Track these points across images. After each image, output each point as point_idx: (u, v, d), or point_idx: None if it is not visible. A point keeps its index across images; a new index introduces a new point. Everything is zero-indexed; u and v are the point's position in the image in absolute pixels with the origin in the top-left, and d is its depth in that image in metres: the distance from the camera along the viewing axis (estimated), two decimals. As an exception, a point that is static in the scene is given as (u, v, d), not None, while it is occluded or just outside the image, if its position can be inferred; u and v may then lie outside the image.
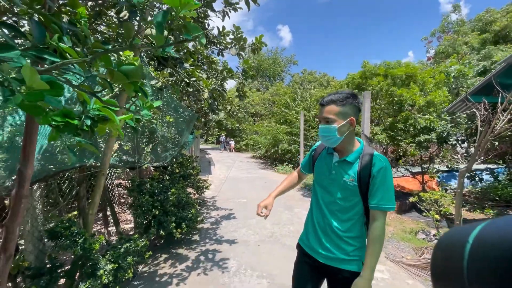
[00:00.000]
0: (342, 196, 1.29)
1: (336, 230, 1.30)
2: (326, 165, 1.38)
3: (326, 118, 1.24)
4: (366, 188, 1.23)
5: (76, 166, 2.67)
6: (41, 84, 0.59)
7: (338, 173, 1.30)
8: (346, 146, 1.31)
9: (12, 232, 1.32)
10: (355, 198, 1.26)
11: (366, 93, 4.70)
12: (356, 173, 1.25)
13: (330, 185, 1.33)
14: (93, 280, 2.29)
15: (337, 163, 1.32)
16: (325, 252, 1.31)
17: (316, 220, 1.38)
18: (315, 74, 26.66)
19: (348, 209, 1.29)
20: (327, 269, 1.32)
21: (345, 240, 1.28)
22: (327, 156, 1.39)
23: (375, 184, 1.21)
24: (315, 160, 1.47)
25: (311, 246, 1.38)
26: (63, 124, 0.91)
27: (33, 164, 1.38)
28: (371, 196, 1.23)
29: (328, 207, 1.33)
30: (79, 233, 2.30)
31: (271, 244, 3.68)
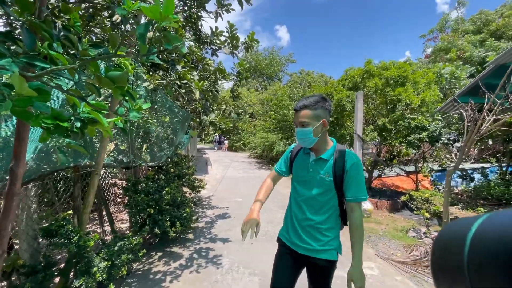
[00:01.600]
0: (319, 191, 1.40)
1: (313, 223, 1.42)
2: (304, 164, 1.48)
3: (301, 122, 1.36)
4: (341, 183, 1.37)
5: (71, 166, 2.71)
6: (29, 92, 0.64)
7: (315, 170, 1.42)
8: (321, 146, 1.43)
9: (4, 229, 1.37)
10: (330, 192, 1.39)
11: (358, 93, 4.77)
12: (331, 169, 1.38)
13: (308, 182, 1.44)
14: (87, 278, 2.33)
15: (314, 161, 1.44)
16: (304, 244, 1.43)
17: (295, 216, 1.50)
18: (313, 74, 26.74)
19: (324, 203, 1.41)
20: (305, 259, 1.45)
21: (321, 232, 1.41)
22: (304, 156, 1.51)
23: (349, 178, 1.35)
24: (292, 161, 1.57)
25: (291, 240, 1.49)
26: (53, 126, 0.96)
27: (25, 163, 1.42)
28: (346, 190, 1.37)
29: (306, 202, 1.44)
30: (74, 231, 2.34)
31: (265, 242, 3.74)
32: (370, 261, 3.20)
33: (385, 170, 6.92)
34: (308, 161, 1.47)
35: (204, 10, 2.94)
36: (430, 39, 22.75)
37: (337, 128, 5.75)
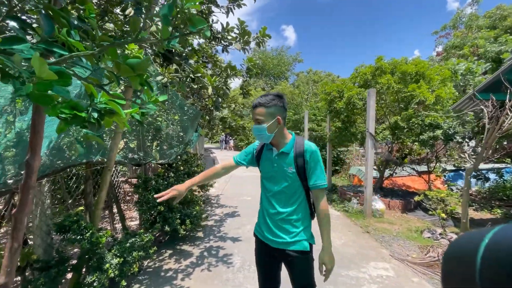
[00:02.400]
0: (285, 184, 1.46)
1: (284, 215, 1.46)
2: (268, 160, 1.54)
3: (256, 119, 1.44)
4: (304, 173, 1.43)
5: (83, 162, 2.71)
6: (50, 74, 0.61)
7: (279, 164, 1.48)
8: (280, 140, 1.50)
9: (20, 222, 1.36)
10: (296, 183, 1.45)
11: (371, 91, 4.67)
12: (293, 161, 1.45)
13: (274, 177, 1.50)
14: (99, 274, 2.32)
15: (277, 156, 1.50)
16: (275, 238, 1.48)
17: (266, 210, 1.55)
18: (320, 74, 26.51)
19: (292, 195, 1.46)
20: (280, 253, 1.49)
21: (292, 223, 1.46)
22: (267, 152, 1.57)
23: (310, 168, 1.43)
24: (259, 157, 1.61)
25: (263, 234, 1.55)
26: (71, 116, 0.93)
27: (40, 156, 1.40)
28: (309, 179, 1.44)
29: (275, 196, 1.50)
30: (87, 227, 2.34)
31: (275, 241, 3.69)
32: (384, 262, 3.11)
33: (396, 170, 6.77)
34: (271, 156, 1.53)
35: (216, 5, 2.90)
36: (443, 36, 22.21)
37: (348, 126, 5.64)
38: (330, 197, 6.13)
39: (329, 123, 6.68)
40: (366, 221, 4.54)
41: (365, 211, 4.77)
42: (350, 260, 3.14)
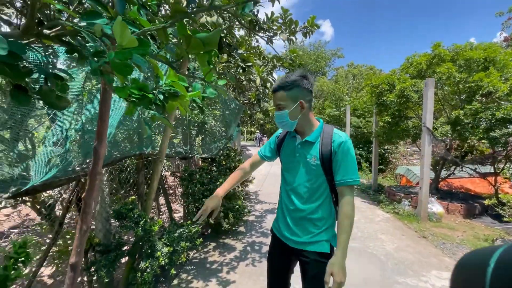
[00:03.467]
0: (307, 178, 1.29)
1: (304, 213, 1.30)
2: (290, 149, 1.38)
3: (277, 104, 1.28)
4: (329, 166, 1.24)
5: (137, 154, 2.86)
6: (131, 40, 0.57)
7: (302, 154, 1.31)
8: (305, 128, 1.32)
9: (89, 206, 1.42)
10: (320, 178, 1.27)
11: (429, 81, 4.18)
12: (318, 151, 1.26)
13: (295, 168, 1.33)
14: (152, 261, 2.41)
15: (300, 144, 1.33)
16: (293, 237, 1.32)
17: (285, 206, 1.38)
18: (361, 68, 25.07)
19: (314, 190, 1.29)
20: (296, 253, 1.34)
21: (313, 222, 1.29)
22: (290, 140, 1.40)
23: (337, 160, 1.23)
24: (280, 146, 1.46)
25: (281, 232, 1.40)
26: (139, 97, 0.92)
27: (106, 143, 1.46)
28: (335, 173, 1.24)
29: (295, 190, 1.33)
30: (141, 215, 2.44)
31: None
32: (449, 272, 2.74)
33: (454, 170, 6.02)
34: (294, 145, 1.36)
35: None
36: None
37: (398, 121, 5.15)
38: (377, 198, 5.70)
39: (376, 118, 6.21)
40: (421, 225, 4.10)
41: (419, 214, 4.31)
42: (407, 266, 2.84)
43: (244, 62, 2.19)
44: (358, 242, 3.43)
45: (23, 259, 1.02)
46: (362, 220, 4.32)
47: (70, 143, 1.72)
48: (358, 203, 5.43)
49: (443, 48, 5.06)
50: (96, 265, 2.27)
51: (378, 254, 3.11)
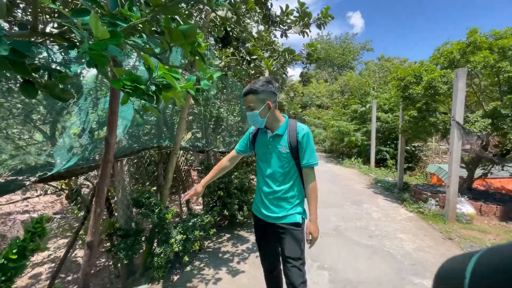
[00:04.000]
0: (279, 164, 1.57)
1: (280, 194, 1.57)
2: (263, 142, 1.65)
3: (249, 106, 1.53)
4: (296, 153, 1.54)
5: (155, 146, 3.03)
6: (104, 32, 0.63)
7: (273, 146, 1.58)
8: (273, 123, 1.59)
9: (102, 191, 1.57)
10: (290, 163, 1.56)
11: (459, 70, 3.86)
12: (287, 142, 1.55)
13: (269, 157, 1.60)
14: (166, 247, 2.56)
15: (271, 138, 1.60)
16: (271, 214, 1.59)
17: (262, 190, 1.64)
18: (393, 61, 23.62)
19: (285, 174, 1.57)
20: (274, 227, 1.60)
21: (287, 200, 1.57)
22: (262, 135, 1.67)
23: (302, 148, 1.53)
24: (254, 141, 1.72)
25: (261, 212, 1.65)
26: (132, 88, 0.99)
27: (116, 134, 1.59)
28: (301, 158, 1.54)
29: (271, 176, 1.60)
30: (156, 203, 2.59)
31: (335, 237, 3.44)
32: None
33: (492, 169, 5.50)
34: (266, 138, 1.62)
35: (275, -13, 2.80)
36: None
37: (426, 115, 4.80)
38: (401, 196, 5.42)
39: (402, 113, 5.87)
40: (448, 226, 3.83)
41: (446, 214, 4.03)
42: (425, 267, 2.69)
43: (249, 55, 2.22)
44: (374, 240, 3.32)
45: (39, 233, 1.16)
46: (382, 219, 4.15)
47: (88, 134, 1.89)
48: (380, 201, 5.21)
49: (480, 35, 4.61)
50: (116, 247, 2.47)
51: (394, 253, 2.98)
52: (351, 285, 2.38)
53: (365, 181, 7.26)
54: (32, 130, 2.22)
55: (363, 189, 6.30)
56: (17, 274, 1.13)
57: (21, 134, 2.19)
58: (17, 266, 1.11)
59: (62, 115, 2.13)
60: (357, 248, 3.10)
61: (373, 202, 5.16)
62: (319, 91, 22.63)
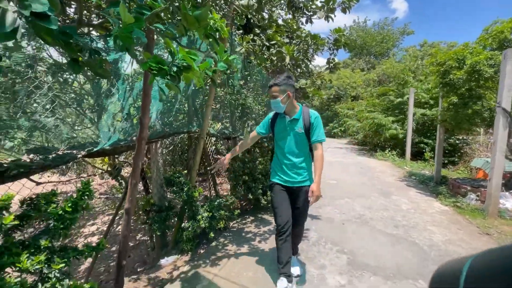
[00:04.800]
0: (295, 142, 2.05)
1: (296, 164, 2.06)
2: (282, 125, 2.09)
3: (273, 95, 1.96)
4: (309, 132, 2.01)
5: (185, 131, 3.29)
6: (129, 18, 0.78)
7: (291, 127, 2.04)
8: (291, 110, 2.04)
9: (137, 165, 1.80)
10: (303, 141, 2.04)
11: (508, 51, 3.49)
12: (302, 124, 2.01)
13: (287, 137, 2.06)
14: (193, 222, 2.81)
15: (289, 121, 2.04)
16: (291, 179, 2.08)
17: (283, 162, 2.11)
18: (439, 46, 21.44)
19: (301, 150, 2.06)
20: (294, 189, 2.09)
21: (301, 168, 2.07)
22: (281, 119, 2.10)
23: (313, 128, 2.00)
24: (273, 125, 2.15)
25: (282, 179, 2.11)
26: (157, 69, 1.15)
27: (149, 115, 1.80)
28: (312, 135, 2.00)
29: (289, 151, 2.07)
30: (185, 183, 2.84)
31: (358, 225, 3.42)
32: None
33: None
34: (285, 122, 2.07)
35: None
36: None
37: (469, 102, 4.40)
38: (437, 190, 5.09)
39: (441, 101, 5.44)
40: (487, 222, 3.55)
41: (487, 209, 3.72)
42: (454, 259, 2.57)
43: (268, 41, 2.28)
44: (400, 230, 3.23)
45: (87, 193, 1.41)
46: (411, 210, 3.98)
47: (126, 117, 2.16)
48: (412, 194, 4.97)
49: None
50: (151, 220, 2.78)
51: (420, 244, 2.88)
52: (369, 269, 2.39)
53: (398, 174, 6.92)
54: (81, 116, 2.58)
55: (395, 182, 6.02)
56: (71, 224, 1.40)
57: (75, 118, 2.56)
58: (72, 217, 1.37)
59: (105, 102, 2.44)
60: (380, 236, 3.06)
61: (403, 194, 4.94)
62: (354, 81, 21.58)
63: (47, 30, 0.82)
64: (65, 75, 2.22)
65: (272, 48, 2.28)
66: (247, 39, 2.19)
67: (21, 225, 1.39)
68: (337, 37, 3.53)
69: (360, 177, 6.43)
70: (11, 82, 1.93)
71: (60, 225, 1.34)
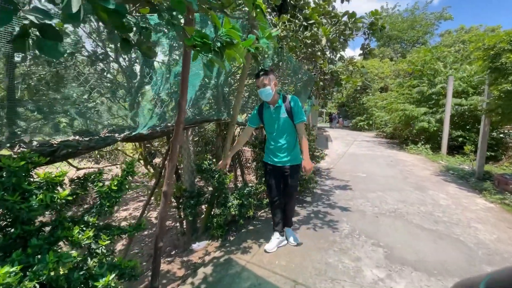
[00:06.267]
0: (282, 126, 2.33)
1: (285, 145, 2.36)
2: (268, 114, 2.38)
3: (263, 83, 2.22)
4: (291, 115, 2.29)
5: (215, 119, 3.28)
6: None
7: (277, 114, 2.33)
8: (274, 99, 2.31)
9: (175, 148, 1.81)
10: (289, 124, 2.33)
11: None
12: (285, 110, 2.30)
13: (275, 123, 2.35)
14: (224, 209, 2.83)
15: (274, 109, 2.34)
16: (280, 159, 2.39)
17: (273, 144, 2.42)
18: (477, 31, 19.51)
19: (287, 132, 2.35)
20: (283, 169, 2.40)
21: (290, 149, 2.37)
22: (266, 110, 2.39)
23: (293, 111, 2.29)
24: (261, 115, 2.46)
25: (272, 160, 2.44)
26: (201, 44, 1.12)
27: (187, 97, 1.79)
28: (295, 118, 2.30)
29: (278, 135, 2.37)
30: (216, 170, 2.85)
31: (393, 219, 3.25)
32: None
33: None
34: (270, 111, 2.37)
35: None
36: None
37: None
38: (479, 186, 4.70)
39: (488, 89, 4.96)
40: (542, 221, 3.21)
41: (542, 208, 3.36)
42: (505, 259, 2.35)
43: (306, 20, 2.17)
44: (441, 226, 3.01)
45: (131, 173, 1.44)
46: (452, 206, 3.71)
47: (161, 104, 2.19)
48: (451, 189, 4.63)
49: None
50: (183, 205, 2.83)
51: (465, 241, 2.67)
52: (409, 264, 2.25)
53: (433, 168, 6.49)
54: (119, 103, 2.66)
55: (430, 176, 5.66)
56: (117, 202, 1.43)
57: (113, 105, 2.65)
58: (117, 196, 1.40)
59: (144, 88, 2.48)
60: (419, 231, 2.88)
61: (441, 189, 4.62)
62: (382, 71, 20.47)
63: (104, 8, 0.82)
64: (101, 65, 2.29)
65: (308, 29, 2.17)
66: (284, 19, 2.10)
67: (71, 203, 1.45)
68: (373, 20, 3.30)
69: (391, 170, 6.13)
70: (56, 71, 2.01)
71: (106, 203, 1.38)
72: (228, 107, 3.49)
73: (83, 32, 1.94)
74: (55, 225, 1.27)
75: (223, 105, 3.46)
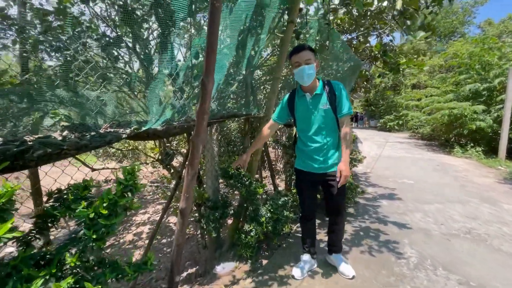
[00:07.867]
0: (322, 120, 1.79)
1: (325, 146, 1.81)
2: (303, 106, 1.83)
3: (306, 60, 1.68)
4: (335, 106, 1.76)
5: (244, 114, 2.75)
6: None
7: (315, 105, 1.79)
8: (313, 85, 1.79)
9: (197, 148, 1.28)
10: (330, 117, 1.78)
11: None
12: (326, 99, 1.76)
13: (311, 117, 1.81)
14: (256, 225, 2.27)
15: (311, 99, 1.80)
16: (321, 164, 1.83)
17: (307, 147, 1.86)
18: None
19: (328, 128, 1.80)
20: (325, 176, 1.85)
21: (333, 150, 1.83)
22: (300, 100, 1.85)
23: (339, 100, 1.76)
24: (292, 107, 1.89)
25: (309, 165, 1.89)
26: None
27: (213, 78, 1.26)
28: (339, 110, 1.76)
29: (315, 132, 1.82)
30: (246, 176, 2.31)
31: (471, 243, 2.52)
32: None
33: None
34: (306, 101, 1.82)
35: None
36: None
37: None
38: None
39: None
40: None
41: None
42: None
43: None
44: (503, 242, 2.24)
45: (132, 186, 0.92)
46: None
47: (180, 95, 1.68)
48: None
49: None
50: (205, 218, 2.31)
51: None
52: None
53: (493, 175, 5.52)
54: (131, 94, 2.21)
55: (493, 184, 4.75)
56: (109, 233, 0.92)
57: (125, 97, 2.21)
58: (108, 224, 0.89)
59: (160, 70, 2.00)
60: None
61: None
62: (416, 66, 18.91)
63: None
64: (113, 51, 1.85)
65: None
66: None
67: (44, 228, 0.96)
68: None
69: (442, 177, 5.26)
70: (64, 57, 1.60)
71: (92, 235, 0.87)
72: (255, 101, 2.95)
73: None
74: (6, 272, 0.78)
75: (252, 98, 2.93)
